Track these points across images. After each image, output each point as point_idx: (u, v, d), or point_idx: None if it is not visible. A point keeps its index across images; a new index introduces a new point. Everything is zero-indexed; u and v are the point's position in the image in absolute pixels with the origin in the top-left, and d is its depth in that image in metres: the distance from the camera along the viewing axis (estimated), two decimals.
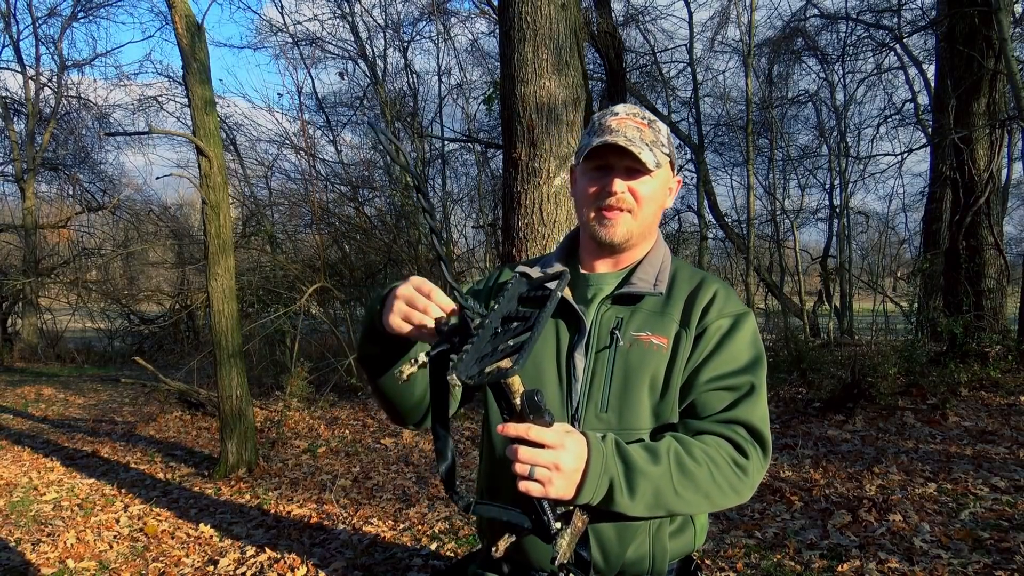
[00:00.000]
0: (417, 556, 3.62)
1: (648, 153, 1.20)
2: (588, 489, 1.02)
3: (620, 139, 1.19)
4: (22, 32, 16.38)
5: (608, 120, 1.24)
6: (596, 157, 1.24)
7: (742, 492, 1.15)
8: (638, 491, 1.05)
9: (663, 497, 1.08)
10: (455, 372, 0.92)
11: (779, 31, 12.66)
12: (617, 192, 1.21)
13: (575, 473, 1.00)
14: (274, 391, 8.23)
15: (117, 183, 17.36)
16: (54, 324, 16.06)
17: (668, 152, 1.26)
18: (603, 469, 1.03)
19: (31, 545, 4.07)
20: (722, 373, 1.19)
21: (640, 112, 1.27)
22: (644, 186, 1.23)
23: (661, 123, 1.28)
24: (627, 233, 1.24)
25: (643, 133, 1.22)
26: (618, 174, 1.22)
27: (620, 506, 1.05)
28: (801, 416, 5.94)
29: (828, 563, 3.13)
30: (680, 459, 1.09)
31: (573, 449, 1.00)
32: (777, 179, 15.14)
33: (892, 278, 14.30)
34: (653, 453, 1.09)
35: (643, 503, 1.07)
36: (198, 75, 5.13)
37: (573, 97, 3.66)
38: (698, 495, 1.10)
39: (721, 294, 1.25)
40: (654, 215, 1.27)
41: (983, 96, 7.48)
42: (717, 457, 1.12)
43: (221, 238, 5.14)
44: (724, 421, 1.16)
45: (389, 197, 11.35)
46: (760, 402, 1.19)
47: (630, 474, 1.05)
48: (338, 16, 13.00)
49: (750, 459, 1.15)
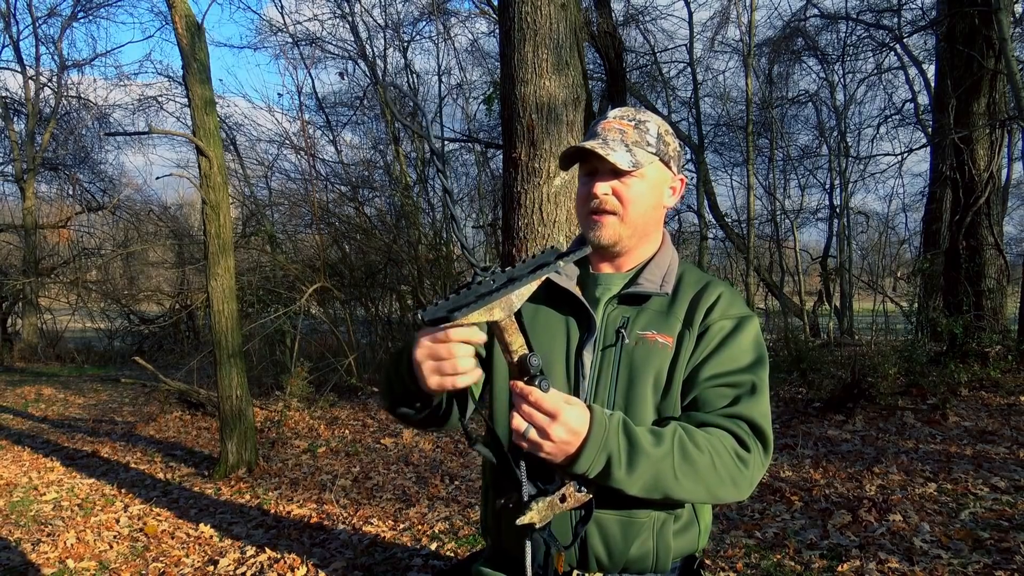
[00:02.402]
0: (417, 556, 3.62)
1: (622, 155, 1.21)
2: (584, 461, 1.04)
3: (591, 143, 1.22)
4: (22, 32, 16.38)
5: (597, 125, 1.28)
6: (585, 163, 1.27)
7: (741, 485, 1.15)
8: (637, 470, 1.07)
9: (662, 480, 1.09)
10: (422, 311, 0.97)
11: (779, 31, 12.67)
12: (599, 195, 1.24)
13: (565, 444, 1.02)
14: (274, 391, 8.23)
15: (117, 183, 17.38)
16: (54, 324, 16.06)
17: (656, 151, 1.26)
18: (602, 444, 1.05)
19: (31, 545, 4.07)
20: (723, 371, 1.20)
21: (631, 113, 1.28)
22: (629, 188, 1.24)
23: (654, 123, 1.28)
24: (615, 235, 1.26)
25: (625, 135, 1.24)
26: (601, 177, 1.24)
27: (617, 481, 1.07)
28: (801, 416, 5.94)
29: (828, 563, 3.13)
30: (683, 444, 1.10)
31: (569, 420, 1.02)
32: (777, 179, 15.15)
33: (892, 278, 14.30)
34: (657, 436, 1.10)
35: (640, 482, 1.08)
36: (198, 75, 5.13)
37: (573, 97, 3.66)
38: (698, 482, 1.11)
39: (726, 296, 1.27)
40: (645, 215, 1.27)
41: (983, 96, 7.48)
42: (719, 447, 1.13)
43: (221, 238, 5.14)
44: (727, 415, 1.18)
45: (389, 197, 11.35)
46: (762, 400, 1.20)
47: (632, 452, 1.06)
48: (338, 16, 12.99)
49: (751, 453, 1.15)
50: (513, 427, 1.03)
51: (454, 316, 0.96)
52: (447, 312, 0.97)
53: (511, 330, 1.01)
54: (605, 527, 1.19)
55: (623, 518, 1.19)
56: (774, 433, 1.26)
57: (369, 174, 11.79)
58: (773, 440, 1.21)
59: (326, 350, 9.37)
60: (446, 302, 0.99)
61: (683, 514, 1.23)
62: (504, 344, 1.02)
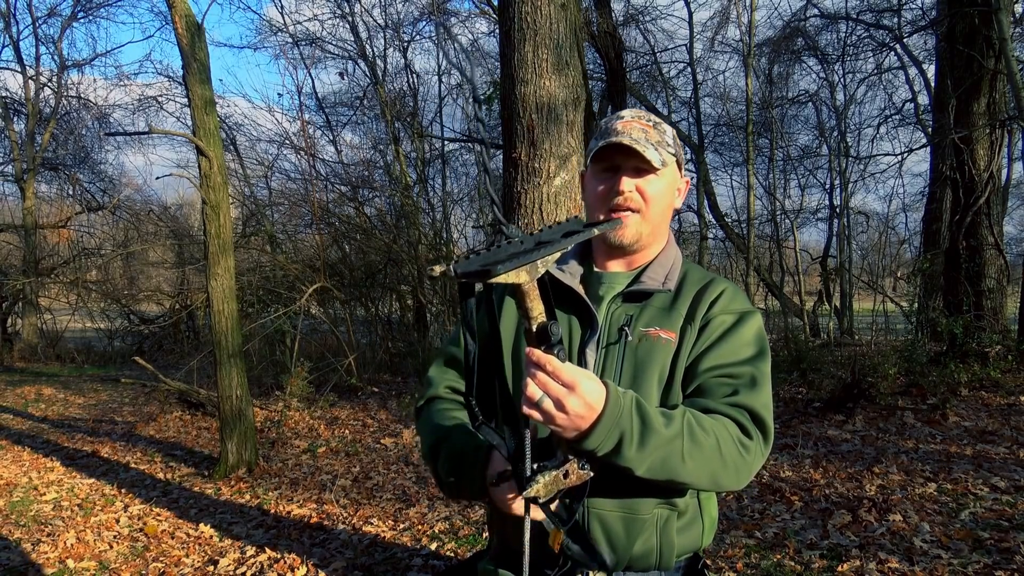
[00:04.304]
0: (417, 556, 3.62)
1: (654, 152, 1.23)
2: (596, 437, 1.02)
3: (625, 139, 1.23)
4: (22, 32, 16.40)
5: (614, 123, 1.28)
6: (604, 159, 1.27)
7: (741, 472, 1.15)
8: (647, 449, 1.06)
9: (670, 462, 1.08)
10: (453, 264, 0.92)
11: (779, 31, 12.66)
12: (625, 191, 1.25)
13: (579, 418, 1.00)
14: (274, 391, 8.23)
15: (117, 183, 17.38)
16: (54, 324, 16.06)
17: (674, 152, 1.30)
18: (615, 423, 1.03)
19: (31, 545, 4.07)
20: (723, 363, 1.21)
21: (646, 115, 1.31)
22: (652, 185, 1.26)
23: (666, 125, 1.32)
24: (636, 234, 1.28)
25: (648, 134, 1.26)
26: (626, 173, 1.25)
27: (626, 460, 1.05)
28: (801, 416, 5.94)
29: (828, 563, 3.13)
30: (692, 427, 1.10)
31: (587, 394, 0.99)
32: (777, 179, 15.14)
33: (892, 278, 14.30)
34: (668, 417, 1.10)
35: (648, 462, 1.07)
36: (198, 75, 5.13)
37: (573, 97, 3.66)
38: (703, 466, 1.10)
39: (728, 293, 1.28)
40: (662, 215, 1.30)
41: (983, 96, 7.48)
42: (724, 432, 1.13)
43: (221, 238, 5.14)
44: (729, 404, 1.18)
45: (389, 197, 11.35)
46: (763, 391, 1.20)
47: (644, 431, 1.06)
48: (338, 16, 13.00)
49: (753, 441, 1.16)
50: (527, 395, 0.99)
51: (496, 270, 0.90)
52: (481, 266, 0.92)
53: (533, 295, 0.98)
54: (608, 524, 1.19)
55: (626, 515, 1.19)
56: (775, 433, 1.26)
57: (369, 174, 11.79)
58: (773, 432, 1.22)
59: (326, 350, 9.37)
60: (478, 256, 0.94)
61: (687, 511, 1.23)
62: (524, 309, 0.99)
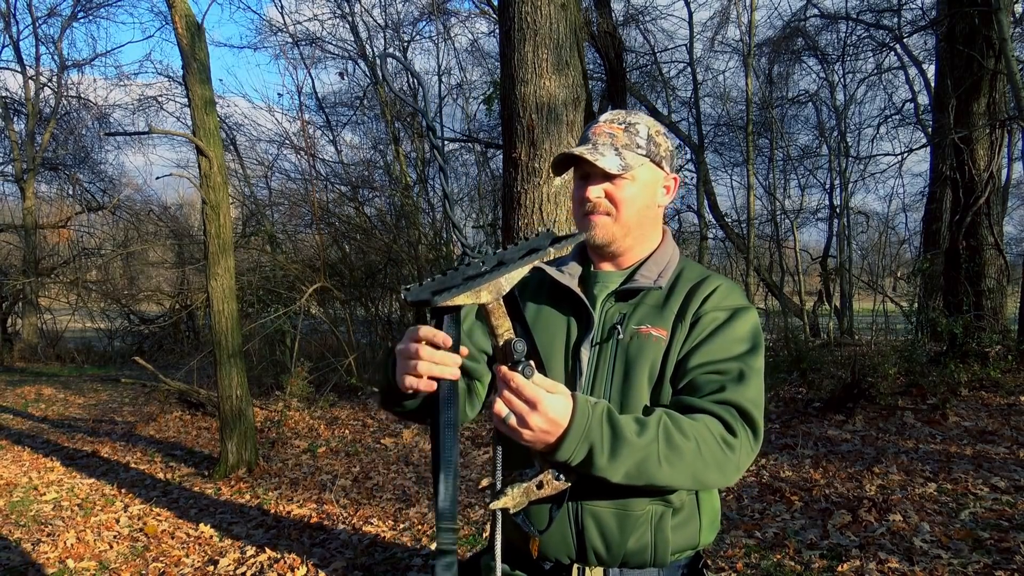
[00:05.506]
0: (417, 556, 3.62)
1: (611, 159, 1.25)
2: (565, 450, 1.05)
3: (580, 148, 1.26)
4: (22, 32, 16.39)
5: (589, 130, 1.32)
6: (579, 167, 1.31)
7: (727, 470, 1.15)
8: (619, 459, 1.07)
9: (646, 468, 1.09)
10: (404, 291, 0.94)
11: (779, 31, 12.66)
12: (592, 198, 1.28)
13: (544, 433, 1.03)
14: (274, 391, 8.23)
15: (117, 183, 17.38)
16: (54, 324, 16.05)
17: (647, 152, 1.29)
18: (583, 435, 1.05)
19: (31, 545, 4.07)
20: (712, 360, 1.21)
21: (622, 117, 1.31)
22: (621, 189, 1.27)
23: (644, 125, 1.30)
24: (609, 235, 1.29)
25: (615, 138, 1.28)
26: (594, 180, 1.28)
27: (599, 470, 1.08)
28: (801, 416, 5.94)
29: (828, 563, 3.13)
30: (668, 431, 1.11)
31: (549, 409, 1.02)
32: (777, 179, 15.13)
33: (892, 278, 14.28)
34: (642, 424, 1.11)
35: (623, 470, 1.08)
36: (198, 75, 5.13)
37: (573, 97, 3.66)
38: (682, 469, 1.11)
39: (722, 290, 1.28)
40: (638, 215, 1.30)
41: (983, 96, 7.47)
42: (705, 433, 1.13)
43: (221, 238, 5.14)
44: (715, 401, 1.18)
45: (389, 197, 11.35)
46: (752, 387, 1.20)
47: (615, 441, 1.07)
48: (338, 16, 12.99)
49: (738, 438, 1.15)
50: (494, 411, 1.04)
51: (435, 300, 0.93)
52: (430, 294, 0.94)
53: (498, 314, 1.01)
54: (602, 521, 1.20)
55: (619, 511, 1.20)
56: (774, 433, 1.27)
57: (369, 174, 11.78)
58: (763, 427, 1.21)
59: (326, 350, 9.37)
60: (431, 282, 0.95)
61: (683, 508, 1.23)
62: (491, 327, 1.02)
